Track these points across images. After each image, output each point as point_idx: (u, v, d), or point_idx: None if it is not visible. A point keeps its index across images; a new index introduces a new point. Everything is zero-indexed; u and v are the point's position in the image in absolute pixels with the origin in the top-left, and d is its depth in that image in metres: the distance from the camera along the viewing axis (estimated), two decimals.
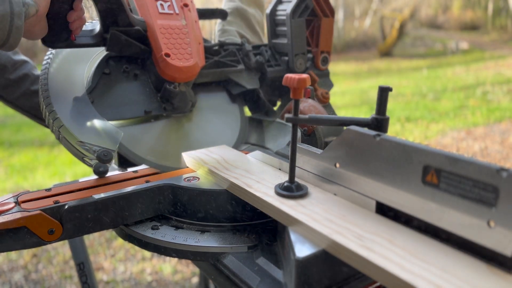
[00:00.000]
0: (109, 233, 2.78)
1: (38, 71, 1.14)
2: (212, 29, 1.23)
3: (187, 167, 0.82)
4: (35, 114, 1.14)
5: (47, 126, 0.87)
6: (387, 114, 0.59)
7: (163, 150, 0.90)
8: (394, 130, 4.85)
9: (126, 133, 0.85)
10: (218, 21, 1.20)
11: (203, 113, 0.99)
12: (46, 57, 0.90)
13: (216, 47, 1.01)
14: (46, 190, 0.70)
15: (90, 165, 0.79)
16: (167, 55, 0.86)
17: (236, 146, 0.98)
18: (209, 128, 0.98)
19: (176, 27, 0.89)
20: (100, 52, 0.92)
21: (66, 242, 2.39)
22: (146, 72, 0.93)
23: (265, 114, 1.05)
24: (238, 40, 1.12)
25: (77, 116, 0.82)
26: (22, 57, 1.14)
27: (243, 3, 1.23)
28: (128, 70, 0.91)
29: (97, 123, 0.83)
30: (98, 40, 0.86)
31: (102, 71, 0.89)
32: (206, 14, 1.08)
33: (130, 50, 0.88)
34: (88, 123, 0.82)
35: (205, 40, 1.02)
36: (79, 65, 0.90)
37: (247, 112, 1.09)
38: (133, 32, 0.86)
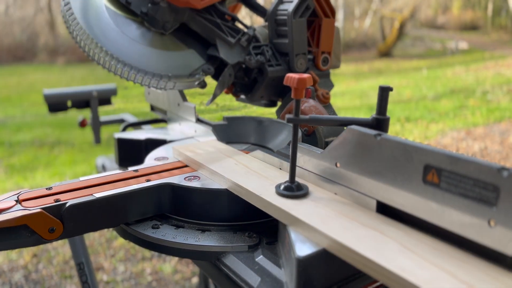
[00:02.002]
0: (109, 233, 2.78)
1: None
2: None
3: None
4: None
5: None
6: (387, 114, 0.59)
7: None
8: (394, 130, 4.86)
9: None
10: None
11: (177, 47, 1.03)
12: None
13: (227, 17, 1.04)
14: (47, 188, 0.70)
15: (196, 84, 0.95)
16: None
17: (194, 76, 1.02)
18: (178, 55, 1.02)
19: None
20: None
21: (66, 242, 2.39)
22: None
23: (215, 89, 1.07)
24: (253, 30, 1.11)
25: (158, 58, 0.94)
26: None
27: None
28: None
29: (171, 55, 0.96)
30: None
31: None
32: (252, 4, 1.11)
33: None
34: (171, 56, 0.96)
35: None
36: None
37: (248, 112, 1.09)
38: None
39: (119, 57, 0.91)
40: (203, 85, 0.98)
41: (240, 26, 1.06)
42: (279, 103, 1.15)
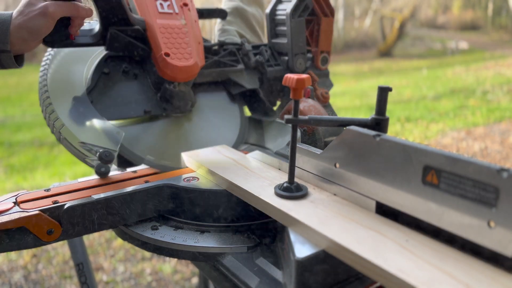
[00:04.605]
0: (109, 233, 2.78)
1: None
2: (212, 29, 1.23)
3: (187, 166, 0.81)
4: None
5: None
6: (387, 114, 0.59)
7: (162, 150, 0.90)
8: (394, 130, 4.85)
9: (126, 133, 0.85)
10: (218, 20, 1.20)
11: (203, 113, 0.99)
12: (45, 58, 0.90)
13: (216, 47, 1.01)
14: (45, 190, 0.70)
15: (92, 166, 0.78)
16: (167, 54, 0.85)
17: (236, 146, 0.97)
18: (209, 128, 0.98)
19: (175, 27, 0.89)
20: (99, 52, 0.92)
21: (65, 242, 2.39)
22: (146, 72, 0.93)
23: (264, 114, 1.05)
24: (238, 40, 1.12)
25: (78, 116, 0.82)
26: None
27: (242, 3, 1.22)
28: (127, 70, 0.91)
29: (98, 123, 0.83)
30: (98, 39, 0.86)
31: (101, 70, 0.89)
32: (205, 13, 1.07)
33: (129, 50, 0.88)
34: (89, 123, 0.82)
35: (205, 40, 1.02)
36: (78, 65, 0.90)
37: (247, 112, 1.09)
38: (133, 32, 0.86)
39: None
40: (99, 172, 0.77)
41: (229, 47, 1.04)
42: (278, 103, 1.15)
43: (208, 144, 0.89)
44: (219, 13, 1.12)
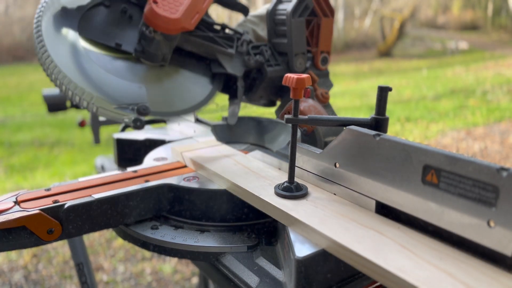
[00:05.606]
0: (109, 233, 2.78)
1: None
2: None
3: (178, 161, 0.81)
4: None
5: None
6: (387, 114, 0.59)
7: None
8: (394, 130, 4.86)
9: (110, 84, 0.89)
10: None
11: (178, 75, 1.02)
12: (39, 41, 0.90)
13: (218, 26, 1.03)
14: (45, 189, 0.70)
15: (128, 124, 0.85)
16: (155, 1, 0.88)
17: (202, 105, 1.00)
18: (179, 84, 1.01)
19: None
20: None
21: (65, 242, 2.39)
22: (141, 18, 0.96)
23: (235, 103, 1.06)
24: (246, 34, 1.12)
25: (103, 85, 0.88)
26: None
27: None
28: (125, 10, 0.96)
29: (121, 84, 0.89)
30: None
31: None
32: (228, 3, 1.09)
33: None
34: (112, 88, 0.88)
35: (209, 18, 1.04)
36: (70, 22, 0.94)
37: (244, 112, 1.10)
38: None
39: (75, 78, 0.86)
40: (137, 125, 0.85)
41: (230, 32, 1.06)
42: (278, 103, 1.15)
43: (177, 97, 0.95)
44: (242, 8, 1.12)
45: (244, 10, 1.13)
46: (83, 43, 0.91)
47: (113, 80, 0.89)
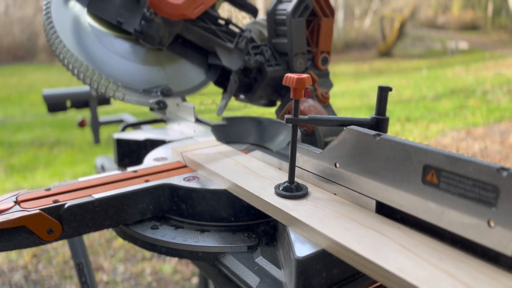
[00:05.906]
0: (109, 233, 2.78)
1: None
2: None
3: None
4: None
5: None
6: (387, 114, 0.59)
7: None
8: (394, 130, 4.86)
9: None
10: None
11: (175, 61, 1.05)
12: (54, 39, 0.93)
13: (221, 21, 1.03)
14: (45, 189, 0.70)
15: (152, 106, 0.92)
16: None
17: (197, 89, 1.04)
18: (176, 69, 1.03)
19: None
20: None
21: (65, 242, 2.39)
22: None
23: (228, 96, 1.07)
24: (248, 32, 1.12)
25: (125, 73, 0.93)
26: None
27: None
28: None
29: (142, 70, 0.95)
30: None
31: None
32: (239, 2, 1.11)
33: None
34: (134, 75, 0.94)
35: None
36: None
37: (244, 112, 1.10)
38: None
39: (93, 65, 0.91)
40: (160, 106, 0.93)
41: (234, 28, 1.06)
42: (278, 103, 1.15)
43: (172, 78, 0.99)
44: (252, 9, 1.13)
45: (254, 12, 1.13)
46: (96, 26, 0.96)
47: (131, 66, 0.95)
